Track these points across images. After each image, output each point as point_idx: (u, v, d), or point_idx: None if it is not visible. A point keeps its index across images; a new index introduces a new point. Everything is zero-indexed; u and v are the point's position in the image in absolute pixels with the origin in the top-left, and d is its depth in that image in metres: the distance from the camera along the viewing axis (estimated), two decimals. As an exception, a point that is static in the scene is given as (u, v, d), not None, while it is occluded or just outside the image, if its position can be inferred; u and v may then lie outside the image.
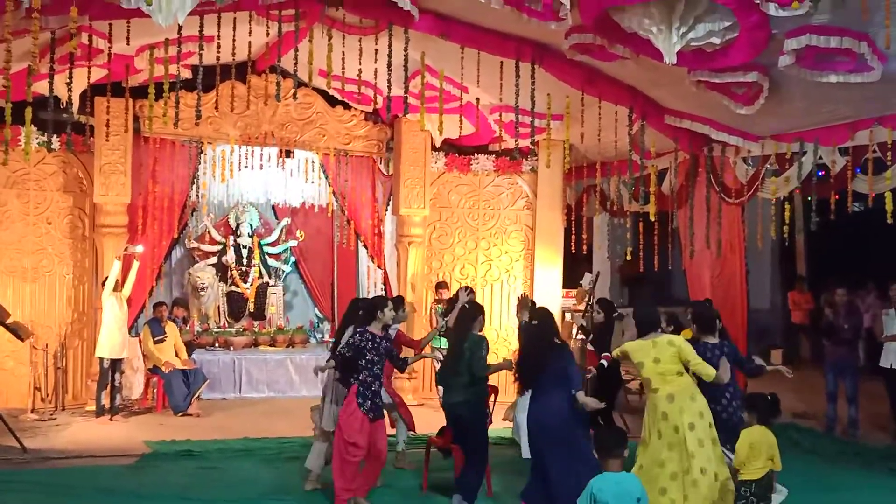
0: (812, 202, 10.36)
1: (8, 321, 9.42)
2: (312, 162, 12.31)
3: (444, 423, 7.69)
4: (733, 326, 10.50)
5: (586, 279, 11.61)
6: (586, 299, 10.78)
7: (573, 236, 12.38)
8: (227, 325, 12.86)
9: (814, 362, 14.47)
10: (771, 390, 6.15)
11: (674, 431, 6.09)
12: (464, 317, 7.38)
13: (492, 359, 7.94)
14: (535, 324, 7.13)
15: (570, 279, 12.66)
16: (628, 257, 11.44)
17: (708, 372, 6.21)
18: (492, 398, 8.21)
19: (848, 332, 10.32)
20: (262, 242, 13.26)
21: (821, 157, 8.97)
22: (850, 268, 14.17)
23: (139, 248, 10.66)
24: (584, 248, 12.59)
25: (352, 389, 6.87)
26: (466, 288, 8.12)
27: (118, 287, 10.30)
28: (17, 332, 9.50)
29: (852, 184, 8.85)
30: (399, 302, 8.55)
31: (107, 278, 10.30)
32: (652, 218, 10.08)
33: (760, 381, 10.88)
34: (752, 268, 11.14)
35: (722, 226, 10.20)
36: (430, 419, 8.89)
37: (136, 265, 10.55)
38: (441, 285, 11.63)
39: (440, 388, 7.61)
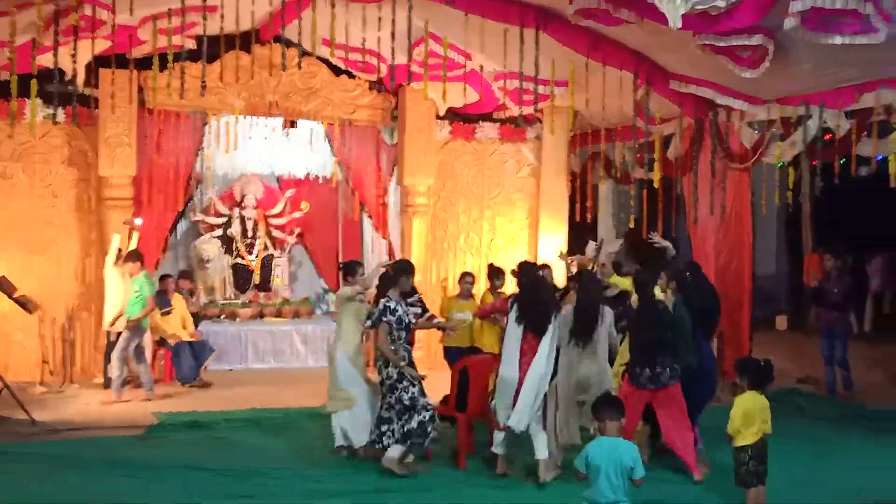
0: (817, 168, 10.34)
1: (15, 295, 9.49)
2: (317, 132, 12.26)
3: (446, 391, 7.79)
4: (739, 293, 10.52)
5: (590, 247, 11.60)
6: (590, 267, 10.74)
7: (578, 204, 12.34)
8: (232, 296, 12.86)
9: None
10: (773, 356, 6.18)
11: None
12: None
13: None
14: None
15: (577, 247, 12.65)
16: (632, 224, 11.42)
17: None
18: None
19: (838, 296, 10.39)
20: (267, 214, 13.26)
21: (825, 122, 8.94)
22: (857, 233, 14.12)
23: (138, 222, 10.65)
24: (589, 216, 12.57)
25: None
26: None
27: (119, 260, 10.31)
28: (25, 305, 9.57)
29: (857, 147, 8.82)
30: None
31: (108, 252, 10.32)
32: (656, 185, 10.05)
33: (765, 346, 10.98)
34: (758, 234, 11.12)
35: (729, 193, 10.17)
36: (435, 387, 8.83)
37: (135, 237, 10.52)
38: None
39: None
